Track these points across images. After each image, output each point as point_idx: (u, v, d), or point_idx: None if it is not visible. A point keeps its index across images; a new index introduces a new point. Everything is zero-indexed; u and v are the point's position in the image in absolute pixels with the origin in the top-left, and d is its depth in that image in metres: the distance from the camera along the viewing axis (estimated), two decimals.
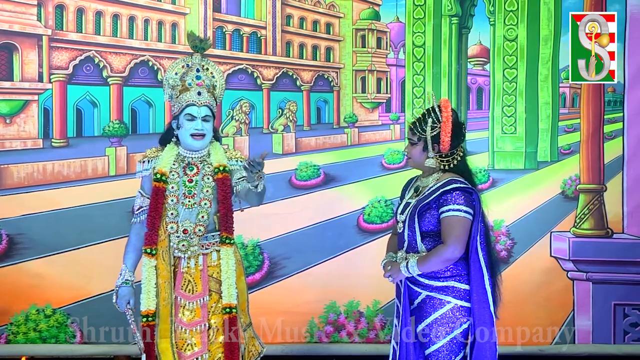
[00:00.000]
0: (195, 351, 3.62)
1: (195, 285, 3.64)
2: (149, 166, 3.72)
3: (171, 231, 3.62)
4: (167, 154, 3.70)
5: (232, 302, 3.63)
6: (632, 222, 5.52)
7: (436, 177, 3.57)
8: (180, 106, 3.69)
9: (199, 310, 3.63)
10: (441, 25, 5.62)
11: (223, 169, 3.70)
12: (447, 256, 3.44)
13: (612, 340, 5.47)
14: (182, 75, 3.73)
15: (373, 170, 5.58)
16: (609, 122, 5.57)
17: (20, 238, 5.24)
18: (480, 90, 5.70)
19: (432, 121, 3.51)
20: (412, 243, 3.54)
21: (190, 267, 3.65)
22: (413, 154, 3.60)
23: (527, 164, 5.60)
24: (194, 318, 3.63)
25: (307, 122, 5.59)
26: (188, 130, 3.67)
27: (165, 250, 3.62)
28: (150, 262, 3.62)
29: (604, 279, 5.47)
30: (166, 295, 3.61)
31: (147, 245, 3.62)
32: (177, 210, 3.63)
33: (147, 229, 3.63)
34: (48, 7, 5.26)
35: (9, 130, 5.25)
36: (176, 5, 5.47)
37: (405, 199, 3.65)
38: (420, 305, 3.52)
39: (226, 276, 3.65)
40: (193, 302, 3.64)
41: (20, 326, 5.22)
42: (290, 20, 5.62)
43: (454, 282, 3.49)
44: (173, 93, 3.74)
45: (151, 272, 3.61)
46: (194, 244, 3.64)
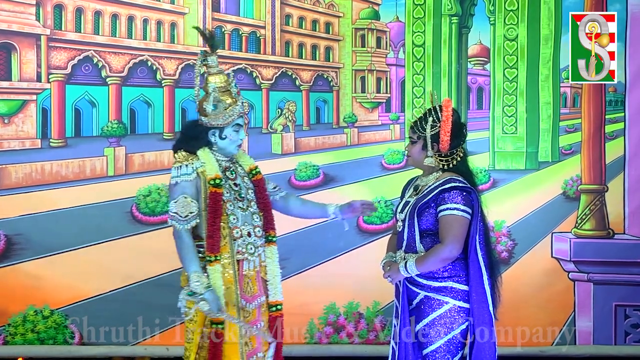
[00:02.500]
0: (252, 350, 3.63)
1: (253, 287, 3.66)
2: (189, 170, 3.60)
3: (237, 236, 3.59)
4: (209, 159, 3.62)
5: (278, 299, 3.72)
6: (633, 222, 5.50)
7: (435, 176, 3.56)
8: (233, 118, 3.64)
9: (255, 310, 3.67)
10: (441, 25, 5.60)
11: (257, 170, 3.77)
12: (444, 255, 3.43)
13: (613, 341, 5.45)
14: (228, 84, 3.66)
15: (373, 171, 5.57)
16: (610, 122, 5.55)
17: (18, 238, 5.22)
18: (481, 90, 5.68)
19: (433, 120, 3.51)
20: (410, 242, 3.53)
21: (250, 268, 3.65)
22: (413, 152, 3.60)
23: (528, 164, 5.58)
24: (250, 318, 3.64)
25: (307, 122, 5.57)
26: (236, 142, 3.67)
27: (228, 255, 3.59)
28: (216, 269, 3.54)
29: (605, 280, 5.46)
30: (230, 300, 3.57)
31: (211, 253, 3.53)
32: (236, 214, 3.61)
33: (209, 235, 3.54)
34: (47, 7, 5.25)
35: (7, 130, 5.24)
36: (175, 5, 5.46)
37: (405, 198, 3.65)
38: (419, 306, 3.51)
39: (273, 274, 3.72)
40: (252, 304, 3.65)
41: (18, 327, 5.21)
42: (289, 20, 5.61)
43: (452, 282, 3.48)
44: (223, 104, 3.62)
45: (218, 280, 3.53)
46: (257, 245, 3.65)
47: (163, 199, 5.33)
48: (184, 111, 5.44)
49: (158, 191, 5.34)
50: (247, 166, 3.78)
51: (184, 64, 5.43)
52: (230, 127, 3.64)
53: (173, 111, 5.42)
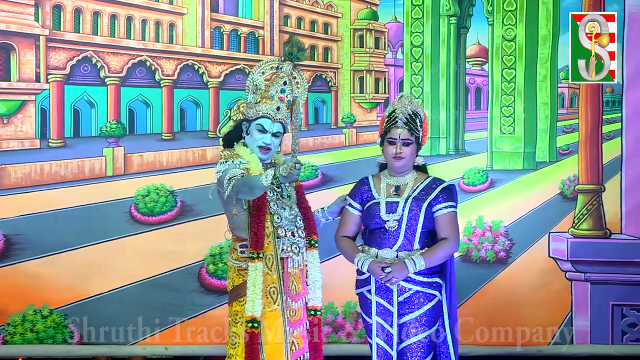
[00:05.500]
0: (299, 350, 3.60)
1: (297, 285, 3.62)
2: (236, 163, 3.50)
3: (281, 234, 3.55)
4: (252, 159, 3.58)
5: (317, 304, 3.66)
6: (630, 222, 5.51)
7: (414, 175, 3.65)
8: (256, 114, 3.60)
9: (301, 309, 3.63)
10: (439, 25, 5.61)
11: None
12: (452, 250, 3.60)
13: (610, 341, 5.46)
14: (273, 82, 3.62)
15: (371, 171, 5.47)
16: (608, 123, 5.56)
17: (18, 238, 5.23)
18: (479, 90, 5.69)
19: (420, 120, 3.62)
20: (407, 241, 3.57)
21: (294, 267, 3.61)
22: (408, 154, 3.61)
23: (525, 164, 5.59)
24: (297, 317, 3.61)
25: (305, 123, 5.57)
26: (257, 141, 3.59)
27: (271, 254, 3.54)
28: (257, 266, 3.47)
29: (602, 280, 5.47)
30: (270, 300, 3.52)
31: (254, 249, 3.47)
32: (280, 214, 3.58)
33: (253, 232, 3.47)
34: (45, 7, 5.25)
35: (6, 130, 5.24)
36: (174, 6, 5.46)
37: (384, 199, 3.64)
38: (409, 299, 3.57)
39: (313, 279, 3.66)
40: (297, 302, 3.61)
41: (17, 327, 5.21)
42: (288, 20, 5.61)
43: (437, 278, 3.60)
44: (253, 96, 3.62)
45: (258, 277, 3.46)
46: (301, 246, 3.61)
47: (161, 199, 5.34)
48: (183, 111, 5.45)
49: (157, 191, 5.35)
50: None
51: (182, 65, 5.44)
52: (254, 123, 3.58)
53: (172, 111, 5.42)
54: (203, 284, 5.32)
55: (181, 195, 5.35)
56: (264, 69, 3.65)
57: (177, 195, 5.35)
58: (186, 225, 5.34)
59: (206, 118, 5.46)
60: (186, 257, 5.30)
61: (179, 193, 5.35)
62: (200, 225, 5.28)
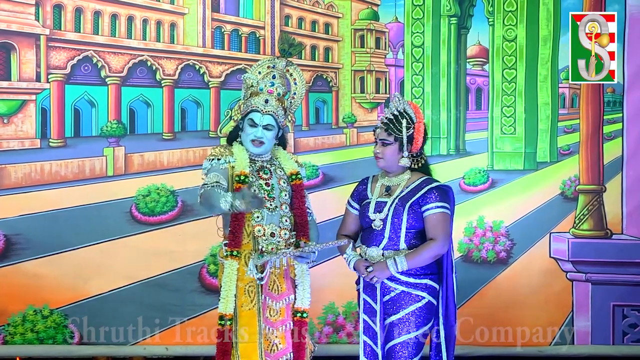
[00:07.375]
0: (281, 350, 3.62)
1: (280, 285, 3.64)
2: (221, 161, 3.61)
3: (258, 234, 3.58)
4: (241, 155, 3.63)
5: (304, 307, 3.70)
6: (631, 222, 5.52)
7: (408, 176, 3.69)
8: (246, 109, 3.68)
9: (284, 309, 3.65)
10: (440, 26, 5.61)
11: (297, 176, 3.76)
12: (438, 251, 3.58)
13: (611, 341, 5.46)
14: (263, 77, 3.70)
15: (372, 171, 5.48)
16: (609, 123, 5.56)
17: (18, 238, 5.22)
18: (479, 90, 5.69)
19: (407, 122, 3.63)
20: (392, 241, 3.61)
21: (276, 267, 3.62)
22: (387, 154, 3.68)
23: (526, 164, 5.59)
24: (279, 318, 3.63)
25: (306, 123, 5.57)
26: (248, 136, 3.66)
27: (249, 253, 3.57)
28: (233, 265, 3.53)
29: (603, 280, 5.47)
30: (248, 299, 3.56)
31: (232, 247, 3.53)
32: (262, 213, 3.60)
33: (231, 230, 3.54)
34: (46, 7, 5.25)
35: (6, 130, 5.24)
36: (175, 5, 5.46)
37: (374, 199, 3.71)
38: (394, 299, 3.60)
39: (300, 281, 3.71)
40: (279, 302, 3.63)
41: (18, 327, 5.21)
42: (288, 21, 5.61)
43: (428, 279, 3.62)
44: (246, 93, 3.72)
45: (233, 275, 3.52)
46: (281, 247, 3.61)
47: (162, 199, 5.34)
48: (184, 111, 5.45)
49: (157, 191, 5.34)
50: (288, 170, 3.77)
51: (183, 64, 5.43)
52: (246, 118, 3.66)
53: (172, 111, 5.42)
54: (203, 284, 5.32)
55: (182, 195, 5.35)
56: (259, 68, 3.74)
57: (178, 195, 5.35)
58: (187, 225, 5.34)
59: (207, 118, 5.46)
60: (187, 257, 5.30)
61: (180, 193, 5.35)
62: (201, 225, 5.26)
